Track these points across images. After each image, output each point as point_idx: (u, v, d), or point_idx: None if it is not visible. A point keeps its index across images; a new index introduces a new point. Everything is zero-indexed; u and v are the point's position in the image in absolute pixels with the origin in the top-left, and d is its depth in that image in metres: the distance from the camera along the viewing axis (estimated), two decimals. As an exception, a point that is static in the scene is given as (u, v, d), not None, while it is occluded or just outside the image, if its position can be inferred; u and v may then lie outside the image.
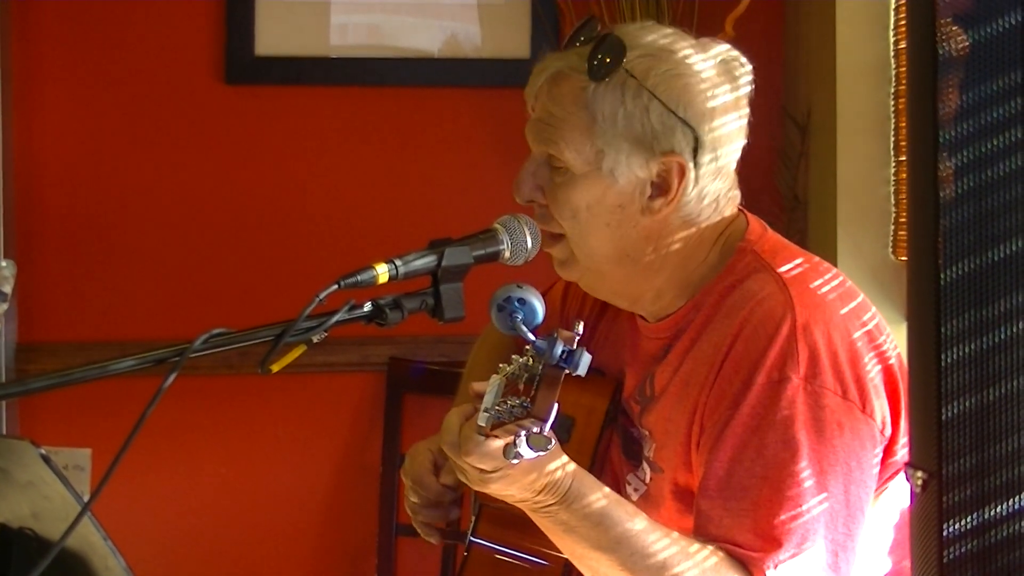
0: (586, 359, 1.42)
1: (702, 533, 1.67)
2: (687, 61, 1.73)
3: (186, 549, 3.08)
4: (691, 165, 1.71)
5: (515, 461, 1.45)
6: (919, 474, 1.11)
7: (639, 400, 1.84)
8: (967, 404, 1.07)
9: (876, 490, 1.72)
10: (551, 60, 1.75)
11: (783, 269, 1.73)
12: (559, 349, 1.41)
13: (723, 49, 1.76)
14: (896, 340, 1.75)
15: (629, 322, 1.88)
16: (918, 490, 1.11)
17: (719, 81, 1.74)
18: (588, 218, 1.73)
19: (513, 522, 1.76)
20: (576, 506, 1.60)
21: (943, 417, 1.07)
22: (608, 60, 1.70)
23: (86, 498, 1.41)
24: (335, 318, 1.49)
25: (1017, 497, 1.07)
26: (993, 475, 1.07)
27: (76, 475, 2.87)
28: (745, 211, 1.84)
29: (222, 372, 2.97)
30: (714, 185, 1.75)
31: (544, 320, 1.53)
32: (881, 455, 1.71)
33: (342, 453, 3.15)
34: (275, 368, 1.48)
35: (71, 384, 1.42)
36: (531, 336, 1.47)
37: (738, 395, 1.66)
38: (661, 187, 1.72)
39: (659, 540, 1.62)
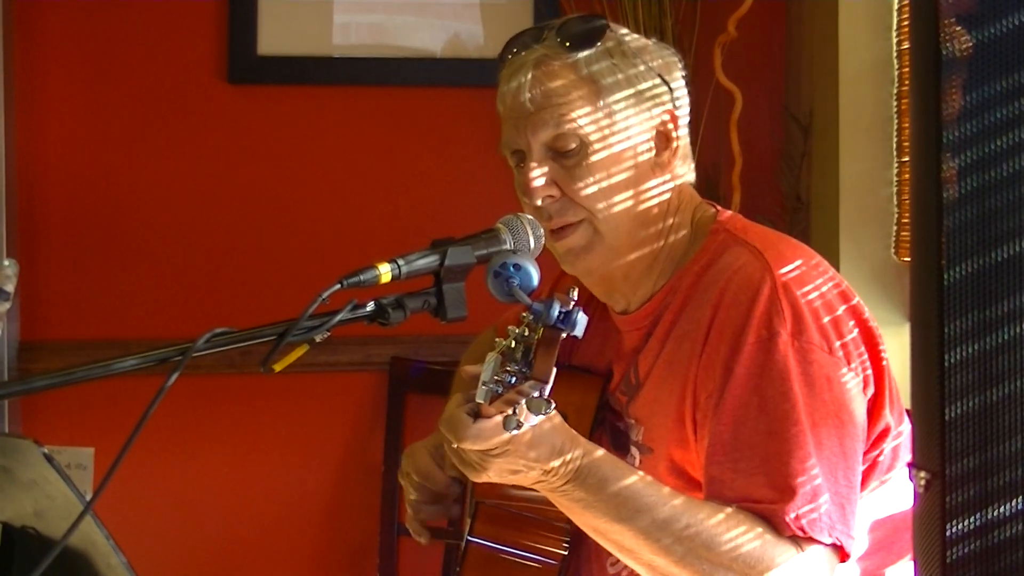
0: (582, 319, 1.42)
1: (717, 499, 1.67)
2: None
3: (188, 548, 3.08)
4: (678, 114, 1.83)
5: (515, 431, 1.45)
6: (922, 474, 1.11)
7: (625, 391, 1.86)
8: (970, 404, 1.07)
9: (864, 455, 1.74)
10: (523, 56, 1.81)
11: (763, 246, 1.77)
12: (556, 309, 1.41)
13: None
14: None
15: (611, 323, 1.91)
16: (921, 490, 1.11)
17: (662, 51, 1.86)
18: (611, 187, 1.78)
19: (509, 520, 1.76)
20: (592, 481, 1.60)
21: (946, 417, 1.07)
22: (592, 29, 1.80)
23: (88, 497, 1.41)
24: (338, 317, 1.49)
25: (1020, 498, 1.07)
26: (996, 476, 1.07)
27: (78, 474, 2.87)
28: (713, 203, 1.90)
29: (224, 371, 2.97)
30: (686, 140, 1.85)
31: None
32: (866, 415, 1.73)
33: (344, 452, 3.15)
34: (278, 367, 1.47)
35: (74, 383, 1.42)
36: (527, 300, 1.47)
37: (729, 359, 1.69)
38: (661, 141, 1.81)
39: (681, 505, 1.63)
